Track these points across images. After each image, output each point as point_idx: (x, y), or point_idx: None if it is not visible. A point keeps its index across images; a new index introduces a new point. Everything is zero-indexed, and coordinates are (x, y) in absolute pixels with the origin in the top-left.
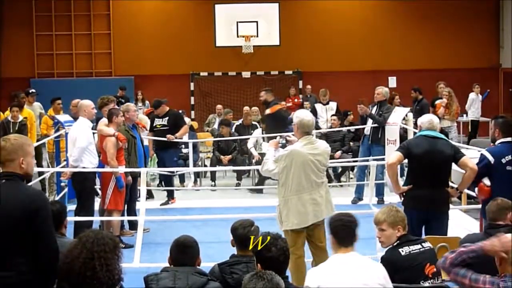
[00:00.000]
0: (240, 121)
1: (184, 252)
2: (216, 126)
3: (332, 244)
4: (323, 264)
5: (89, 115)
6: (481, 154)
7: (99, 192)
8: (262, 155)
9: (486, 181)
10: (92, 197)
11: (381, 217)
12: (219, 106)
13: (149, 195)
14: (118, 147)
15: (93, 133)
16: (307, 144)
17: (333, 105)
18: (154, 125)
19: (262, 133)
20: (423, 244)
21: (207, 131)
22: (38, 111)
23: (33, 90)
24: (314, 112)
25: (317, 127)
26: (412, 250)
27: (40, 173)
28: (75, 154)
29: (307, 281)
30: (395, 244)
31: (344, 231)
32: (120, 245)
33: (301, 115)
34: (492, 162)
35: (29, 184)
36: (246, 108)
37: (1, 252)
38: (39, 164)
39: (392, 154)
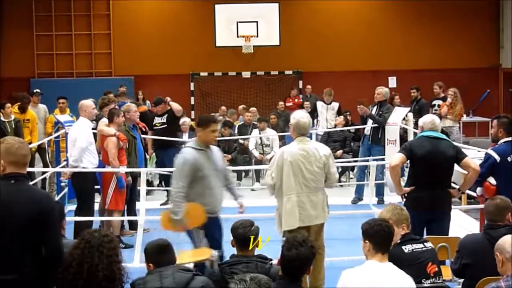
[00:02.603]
0: (241, 121)
1: (168, 252)
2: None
3: (368, 249)
4: (359, 268)
5: (89, 115)
6: (486, 153)
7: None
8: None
9: (492, 181)
10: (92, 197)
11: (386, 215)
12: (223, 108)
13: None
14: (119, 147)
15: (93, 133)
16: (300, 145)
17: (335, 105)
18: (153, 123)
19: (259, 133)
20: (425, 243)
21: None
22: (42, 113)
23: (38, 90)
24: (314, 109)
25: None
26: (415, 249)
27: (42, 173)
28: (75, 154)
29: (340, 281)
30: (398, 241)
31: (384, 237)
32: (119, 245)
33: (297, 116)
34: (498, 161)
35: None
36: (240, 107)
37: (8, 253)
38: (44, 164)
39: (395, 156)
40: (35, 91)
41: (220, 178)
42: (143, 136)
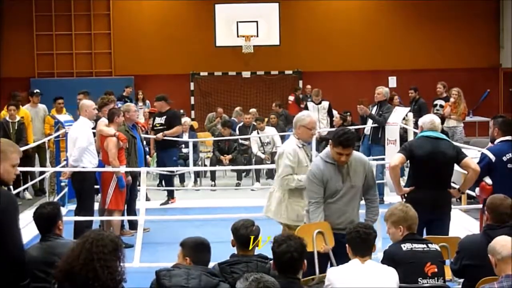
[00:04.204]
0: (242, 122)
1: (206, 251)
2: (219, 126)
3: (349, 252)
4: (342, 266)
5: (89, 115)
6: (482, 153)
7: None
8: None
9: (488, 180)
10: (92, 197)
11: (385, 215)
12: (220, 109)
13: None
14: (119, 147)
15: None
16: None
17: (325, 104)
18: (154, 123)
19: (258, 133)
20: (428, 244)
21: (211, 129)
22: (42, 113)
23: (38, 90)
24: (306, 110)
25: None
26: (414, 248)
27: (41, 173)
28: (75, 154)
29: (326, 280)
30: (400, 240)
31: (360, 244)
32: (122, 246)
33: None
34: (493, 160)
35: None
36: (238, 108)
37: None
38: (42, 164)
39: (395, 156)
40: (35, 91)
41: (352, 194)
42: (145, 136)
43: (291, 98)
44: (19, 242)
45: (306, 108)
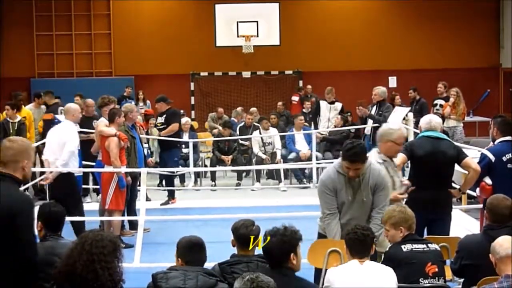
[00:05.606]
0: (243, 122)
1: (199, 251)
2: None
3: (347, 253)
4: (341, 266)
5: (76, 119)
6: (482, 153)
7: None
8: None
9: (488, 181)
10: (80, 200)
11: (384, 218)
12: (220, 109)
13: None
14: (120, 147)
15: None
16: None
17: (338, 105)
18: (156, 123)
19: (260, 133)
20: (428, 244)
21: (210, 129)
22: (43, 113)
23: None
24: (318, 109)
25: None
26: (415, 248)
27: (41, 173)
28: (65, 158)
29: (325, 280)
30: (399, 241)
31: (358, 245)
32: (121, 246)
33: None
34: (493, 161)
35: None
36: (239, 109)
37: None
38: (42, 164)
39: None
40: (42, 94)
41: (361, 209)
42: (146, 136)
43: (295, 98)
44: (34, 244)
45: (318, 106)
